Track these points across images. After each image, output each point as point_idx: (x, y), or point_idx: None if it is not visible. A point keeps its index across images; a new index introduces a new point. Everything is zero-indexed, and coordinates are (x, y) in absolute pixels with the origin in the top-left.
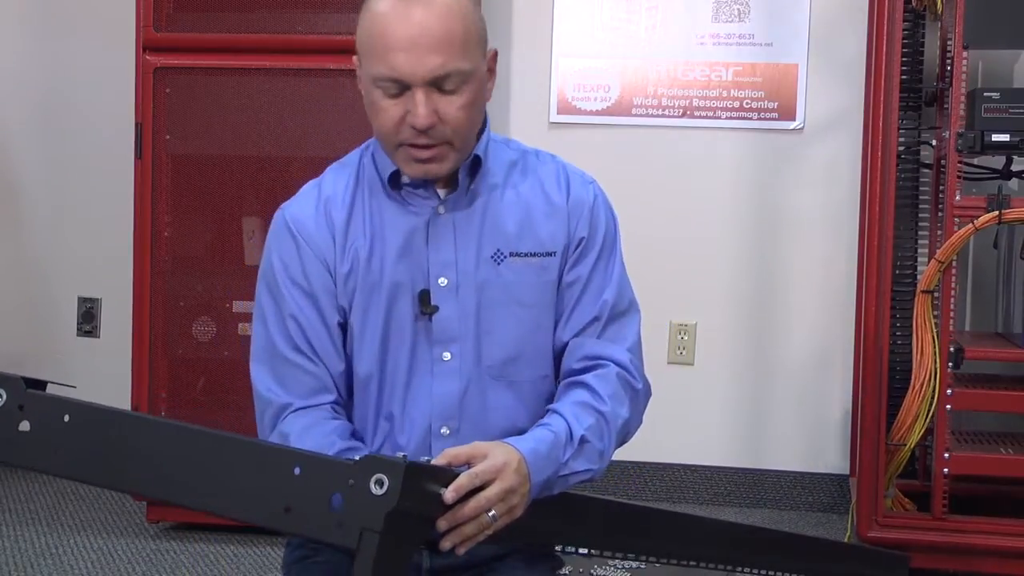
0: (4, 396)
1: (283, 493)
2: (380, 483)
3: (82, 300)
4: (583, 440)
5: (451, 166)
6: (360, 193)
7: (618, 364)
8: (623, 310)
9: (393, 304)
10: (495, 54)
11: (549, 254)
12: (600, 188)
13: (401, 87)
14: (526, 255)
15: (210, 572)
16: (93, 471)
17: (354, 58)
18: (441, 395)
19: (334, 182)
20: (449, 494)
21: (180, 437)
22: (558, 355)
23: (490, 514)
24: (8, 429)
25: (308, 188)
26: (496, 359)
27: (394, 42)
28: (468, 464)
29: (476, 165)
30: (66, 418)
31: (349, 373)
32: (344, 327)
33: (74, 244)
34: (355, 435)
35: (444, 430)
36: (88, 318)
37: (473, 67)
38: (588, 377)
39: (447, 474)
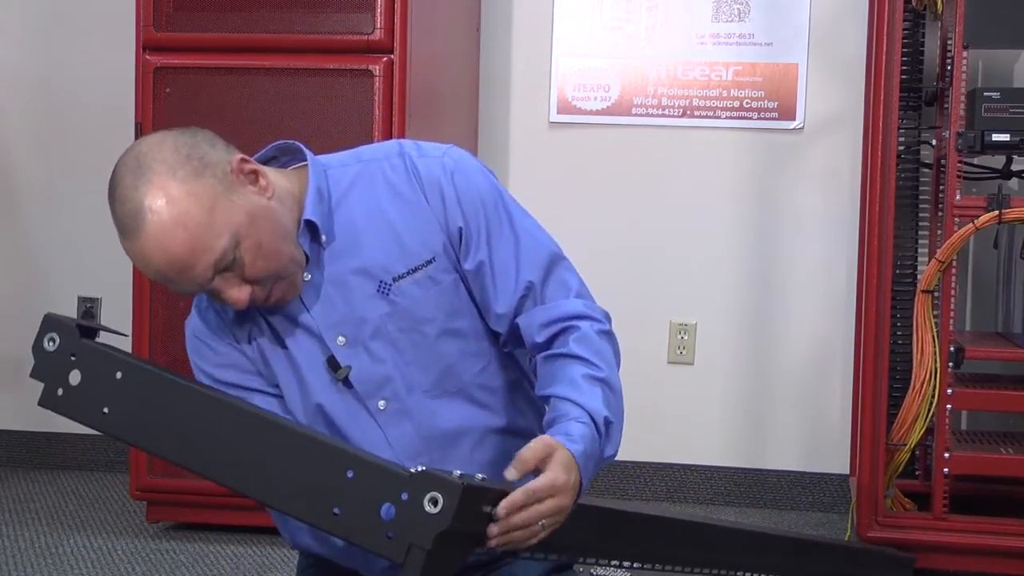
0: (57, 341)
1: (333, 494)
2: (434, 502)
3: (82, 300)
4: (607, 422)
5: (300, 280)
6: None
7: (579, 317)
8: (549, 266)
9: (310, 381)
10: (238, 163)
11: (428, 262)
12: (455, 157)
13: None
14: (409, 273)
15: (210, 572)
16: (136, 434)
17: None
18: (399, 441)
19: None
20: (501, 511)
21: (234, 416)
22: (503, 335)
23: (540, 523)
24: (58, 378)
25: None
26: (429, 382)
27: (157, 279)
28: (537, 469)
29: (312, 227)
30: (118, 375)
31: None
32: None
33: (74, 244)
34: None
35: (420, 468)
36: (88, 318)
37: (231, 231)
38: (571, 346)
39: (499, 492)
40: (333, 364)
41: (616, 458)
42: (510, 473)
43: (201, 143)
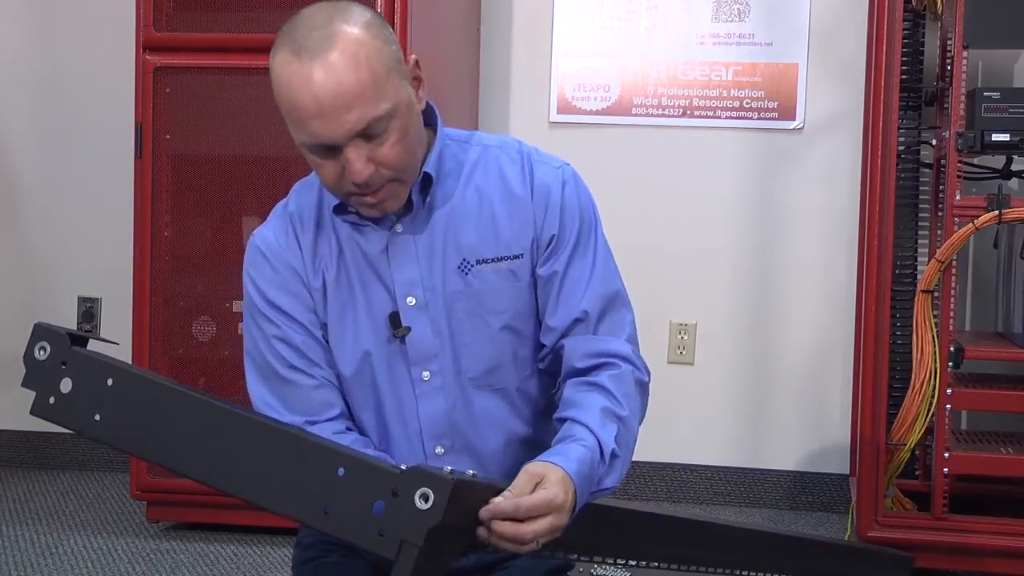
0: (48, 350)
1: (325, 493)
2: (425, 497)
3: (82, 300)
4: (614, 455)
5: (406, 196)
6: (324, 212)
7: (623, 358)
8: (611, 303)
9: (365, 327)
10: (414, 63)
11: (516, 256)
12: (571, 172)
13: (328, 148)
14: (494, 260)
15: (210, 572)
16: (129, 440)
17: None
18: (428, 416)
19: (299, 201)
20: (484, 514)
21: (225, 419)
22: (546, 348)
23: (536, 542)
24: (50, 386)
25: (276, 209)
26: (477, 370)
27: (304, 110)
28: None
29: (427, 182)
30: (109, 382)
31: None
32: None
33: (74, 244)
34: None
35: (439, 449)
36: (88, 318)
37: (394, 102)
38: (603, 379)
39: (491, 490)
40: (395, 321)
41: None
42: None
43: (390, 28)
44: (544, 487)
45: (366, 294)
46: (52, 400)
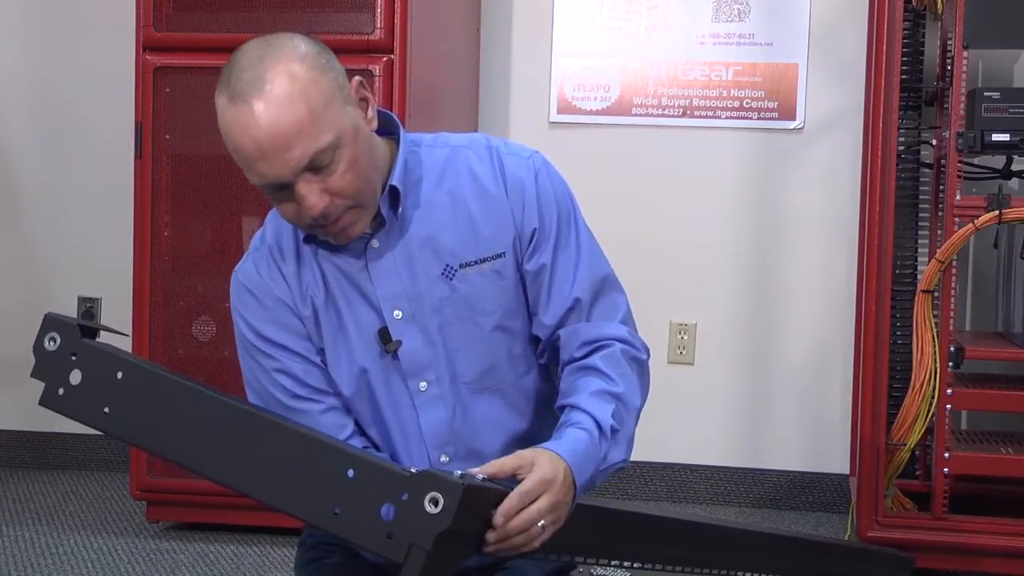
0: (58, 341)
1: (334, 494)
2: (435, 502)
3: (82, 300)
4: (613, 430)
5: (369, 219)
6: (300, 238)
7: (618, 340)
8: (601, 288)
9: (357, 347)
10: (357, 84)
11: (499, 255)
12: (541, 161)
13: (280, 186)
14: (477, 262)
15: (210, 572)
16: (137, 434)
17: None
18: (430, 426)
19: (275, 231)
20: (499, 519)
21: (235, 416)
22: (542, 342)
23: (539, 524)
24: (59, 377)
25: (254, 242)
26: (473, 374)
27: (246, 153)
28: (514, 475)
29: (395, 194)
30: (119, 375)
31: None
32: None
33: (74, 244)
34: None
35: (443, 458)
36: (88, 318)
37: (336, 132)
38: (595, 360)
39: (499, 493)
40: (384, 336)
41: None
42: (481, 470)
43: (330, 53)
44: (533, 470)
45: (353, 314)
46: (61, 392)
